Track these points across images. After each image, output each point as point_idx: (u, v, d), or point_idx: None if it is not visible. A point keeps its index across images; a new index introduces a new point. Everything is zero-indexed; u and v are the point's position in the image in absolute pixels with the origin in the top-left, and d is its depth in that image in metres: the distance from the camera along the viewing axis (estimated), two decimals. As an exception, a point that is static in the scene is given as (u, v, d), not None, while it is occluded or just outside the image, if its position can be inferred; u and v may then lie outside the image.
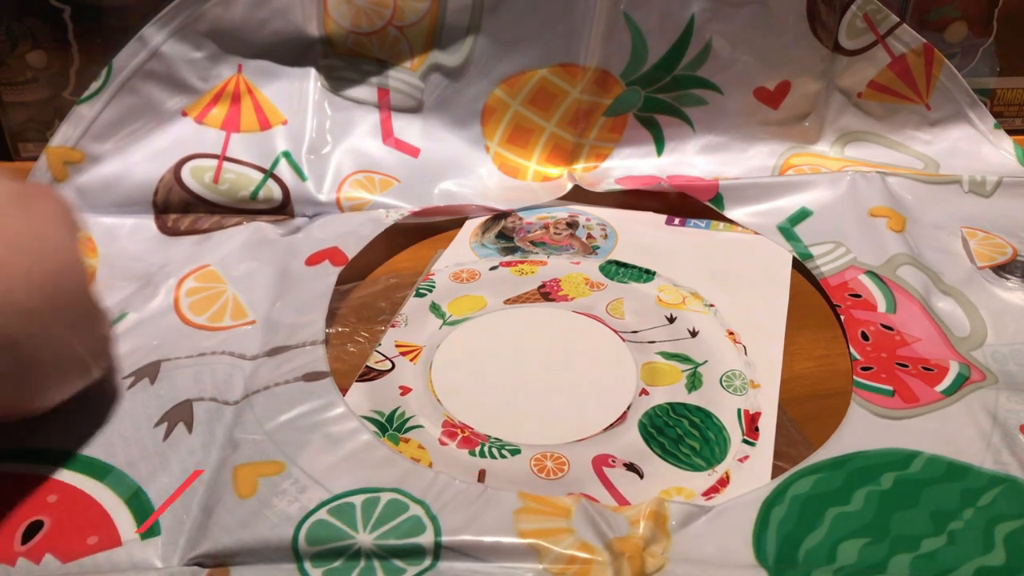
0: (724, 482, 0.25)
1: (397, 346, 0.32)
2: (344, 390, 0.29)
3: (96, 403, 0.28)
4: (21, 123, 0.45)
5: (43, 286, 0.23)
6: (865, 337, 0.31)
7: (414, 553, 0.22)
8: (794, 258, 0.37)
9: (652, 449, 0.27)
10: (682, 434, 0.27)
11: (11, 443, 0.26)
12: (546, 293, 0.35)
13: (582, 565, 0.22)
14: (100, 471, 0.25)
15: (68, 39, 0.42)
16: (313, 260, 0.35)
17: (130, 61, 0.39)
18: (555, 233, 0.39)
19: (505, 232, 0.40)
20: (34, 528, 0.23)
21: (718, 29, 0.42)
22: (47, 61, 0.42)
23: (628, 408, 0.28)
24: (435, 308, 0.34)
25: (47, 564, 0.22)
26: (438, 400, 0.29)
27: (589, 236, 0.39)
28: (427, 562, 0.22)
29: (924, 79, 0.44)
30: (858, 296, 0.34)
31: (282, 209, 0.40)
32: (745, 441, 0.27)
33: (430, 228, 0.40)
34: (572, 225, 0.40)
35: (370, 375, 0.30)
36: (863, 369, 0.29)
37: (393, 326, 0.33)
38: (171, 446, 0.26)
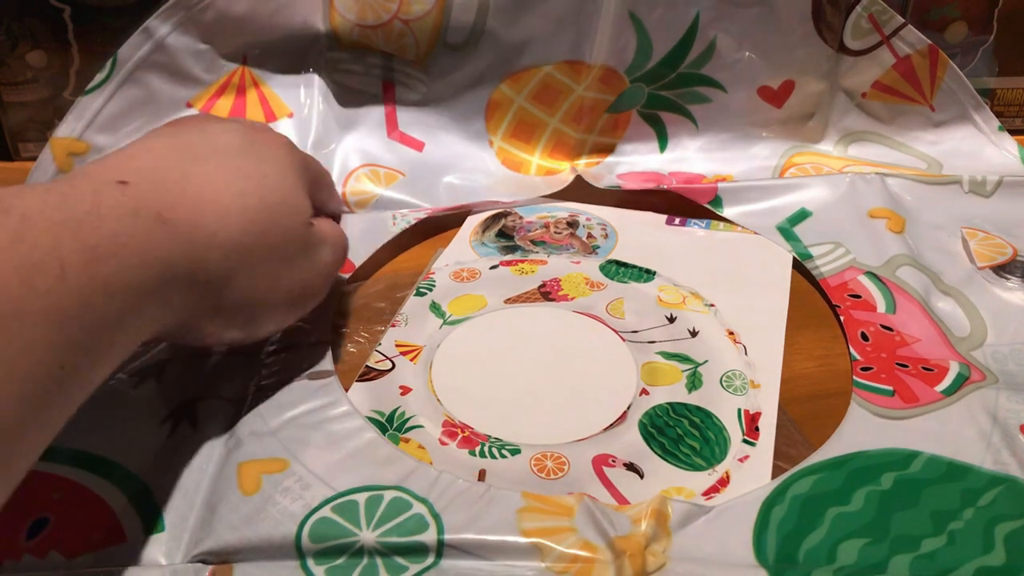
0: (724, 482, 0.25)
1: (397, 346, 0.32)
2: (344, 390, 0.29)
3: (101, 401, 0.28)
4: (21, 123, 0.45)
5: (257, 222, 0.24)
6: (865, 337, 0.31)
7: (417, 551, 0.22)
8: (794, 258, 0.37)
9: (652, 449, 0.27)
10: (682, 434, 0.27)
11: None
12: (546, 293, 0.35)
13: (584, 564, 0.22)
14: (105, 468, 0.25)
15: (68, 39, 0.42)
16: None
17: (135, 52, 0.39)
18: (555, 232, 0.39)
19: (505, 231, 0.40)
20: (39, 524, 0.23)
21: (723, 28, 0.42)
22: (47, 61, 0.42)
23: (628, 408, 0.28)
24: (435, 307, 0.34)
25: (52, 560, 0.22)
26: (438, 400, 0.29)
27: (589, 235, 0.39)
28: (430, 560, 0.22)
29: (928, 80, 0.44)
30: (858, 297, 0.34)
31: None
32: (745, 441, 0.27)
33: (430, 228, 0.40)
34: (572, 224, 0.40)
35: (370, 375, 0.30)
36: (863, 369, 0.29)
37: (393, 326, 0.33)
38: (176, 443, 0.26)
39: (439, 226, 0.40)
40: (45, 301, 0.18)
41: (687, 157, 0.44)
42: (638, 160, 0.44)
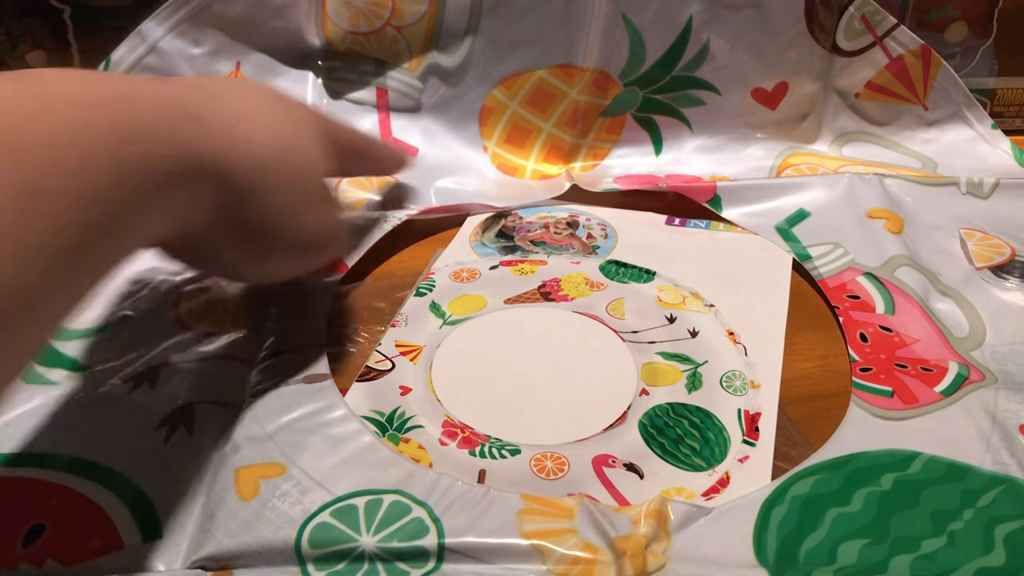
0: (724, 482, 0.25)
1: (397, 346, 0.31)
2: (344, 390, 0.29)
3: (96, 407, 0.27)
4: (20, 123, 0.44)
5: (284, 150, 0.25)
6: (864, 338, 0.31)
7: (418, 556, 0.22)
8: (792, 259, 0.37)
9: (652, 449, 0.27)
10: (682, 434, 0.27)
11: (11, 448, 0.26)
12: (546, 293, 0.35)
13: (585, 565, 0.22)
14: (101, 474, 0.25)
15: (68, 39, 0.42)
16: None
17: (128, 55, 0.39)
18: (555, 232, 0.39)
19: (505, 231, 0.40)
20: (35, 532, 0.23)
21: (716, 30, 0.42)
22: (47, 61, 0.42)
23: (628, 408, 0.28)
24: (435, 308, 0.34)
25: (49, 568, 0.22)
26: (438, 400, 0.29)
27: (589, 236, 0.39)
28: (431, 564, 0.22)
29: (922, 80, 0.44)
30: (856, 298, 0.34)
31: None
32: (745, 441, 0.27)
33: (430, 227, 0.40)
34: (572, 225, 0.40)
35: (370, 375, 0.30)
36: (862, 370, 0.29)
37: (393, 326, 0.33)
38: (172, 449, 0.26)
39: (438, 226, 0.40)
40: (73, 181, 0.17)
41: (683, 160, 0.45)
42: (634, 164, 0.44)
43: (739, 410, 0.28)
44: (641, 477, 0.26)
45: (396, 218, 0.39)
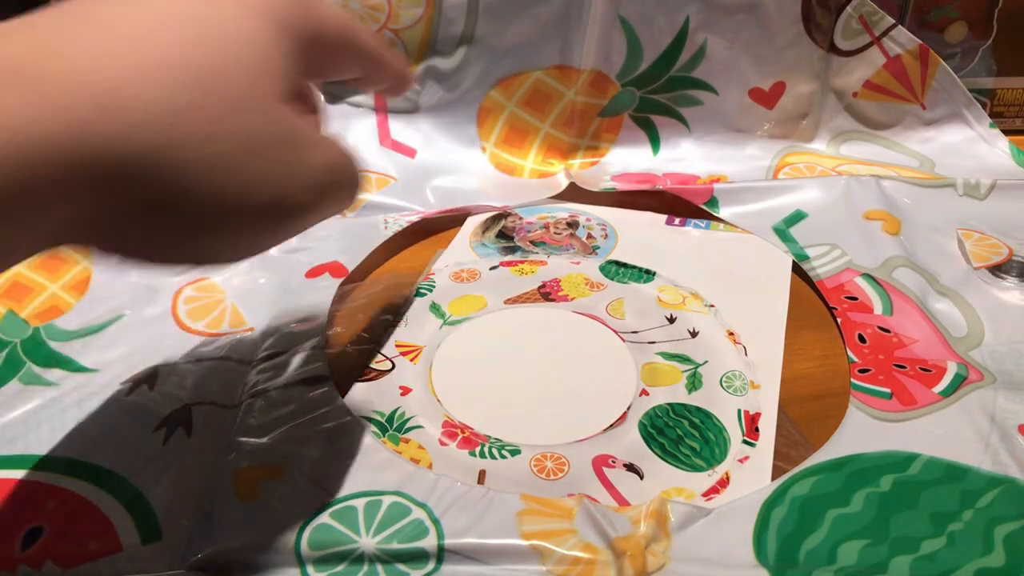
0: (724, 483, 0.25)
1: (397, 346, 0.31)
2: (344, 391, 0.28)
3: (95, 409, 0.27)
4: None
5: (199, 82, 0.17)
6: (862, 339, 0.31)
7: (417, 557, 0.22)
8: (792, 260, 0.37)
9: (652, 450, 0.27)
10: (682, 435, 0.27)
11: (9, 449, 0.26)
12: (546, 293, 0.35)
13: (585, 566, 0.22)
14: (99, 476, 0.25)
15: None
16: (313, 273, 0.35)
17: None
18: (555, 233, 0.39)
19: (505, 231, 0.40)
20: (34, 534, 0.23)
21: (713, 31, 0.42)
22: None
23: (628, 408, 0.28)
24: (435, 308, 0.34)
25: (48, 570, 0.22)
26: (438, 400, 0.29)
27: (589, 236, 0.39)
28: (431, 566, 0.22)
29: (919, 79, 0.44)
30: (854, 299, 0.34)
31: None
32: (745, 442, 0.27)
33: (430, 228, 0.40)
34: (572, 225, 0.40)
35: (370, 375, 0.30)
36: (861, 371, 0.29)
37: (393, 326, 0.33)
38: (170, 450, 0.26)
39: (438, 227, 0.40)
40: None
41: (680, 158, 0.45)
42: (631, 163, 0.45)
43: (739, 410, 0.28)
44: (641, 477, 0.26)
45: (397, 224, 0.39)
